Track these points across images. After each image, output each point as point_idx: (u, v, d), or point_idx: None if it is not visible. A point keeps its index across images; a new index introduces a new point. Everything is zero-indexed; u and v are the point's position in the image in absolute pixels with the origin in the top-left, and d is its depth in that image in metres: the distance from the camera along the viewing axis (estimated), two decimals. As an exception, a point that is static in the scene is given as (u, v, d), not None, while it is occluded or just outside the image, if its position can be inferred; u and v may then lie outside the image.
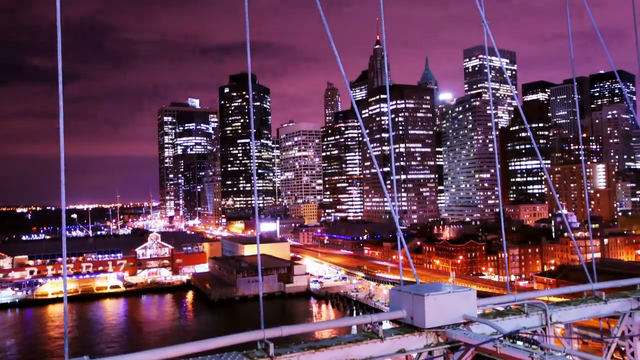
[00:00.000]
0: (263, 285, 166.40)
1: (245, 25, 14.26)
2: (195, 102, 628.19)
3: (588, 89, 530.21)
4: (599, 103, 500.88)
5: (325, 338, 11.25)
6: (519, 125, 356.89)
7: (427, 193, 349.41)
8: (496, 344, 10.75)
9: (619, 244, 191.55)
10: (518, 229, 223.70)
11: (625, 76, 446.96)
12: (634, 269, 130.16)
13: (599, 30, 21.97)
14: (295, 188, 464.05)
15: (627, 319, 15.06)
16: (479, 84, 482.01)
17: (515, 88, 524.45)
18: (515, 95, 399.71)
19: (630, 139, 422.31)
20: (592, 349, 30.41)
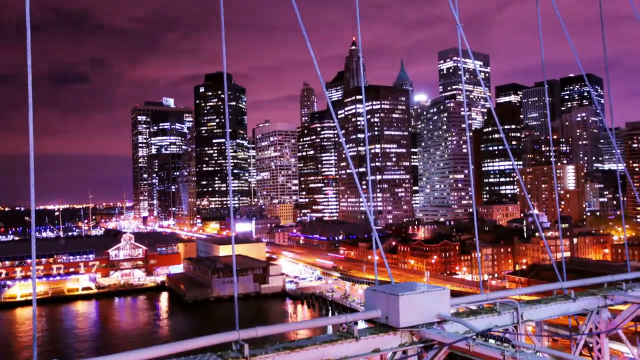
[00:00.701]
0: (238, 285, 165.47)
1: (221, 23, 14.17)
2: (170, 102, 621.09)
3: (559, 91, 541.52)
4: (569, 105, 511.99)
5: (301, 338, 11.27)
6: (492, 127, 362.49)
7: (402, 193, 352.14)
8: (469, 342, 10.91)
9: (588, 243, 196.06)
10: (491, 229, 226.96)
11: (593, 80, 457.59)
12: (602, 268, 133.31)
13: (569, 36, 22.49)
14: (271, 188, 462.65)
15: (595, 316, 15.45)
16: (454, 85, 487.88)
17: (488, 90, 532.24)
18: (488, 97, 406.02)
19: (598, 140, 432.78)
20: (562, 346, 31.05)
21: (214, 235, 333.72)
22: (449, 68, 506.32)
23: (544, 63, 23.46)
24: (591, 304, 15.57)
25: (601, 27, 23.98)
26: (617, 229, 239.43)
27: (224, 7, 14.21)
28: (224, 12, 14.22)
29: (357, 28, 18.56)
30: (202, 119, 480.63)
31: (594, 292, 16.01)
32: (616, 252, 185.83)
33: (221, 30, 14.19)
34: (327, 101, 23.30)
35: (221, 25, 14.21)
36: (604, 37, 24.16)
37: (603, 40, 24.21)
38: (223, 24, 14.18)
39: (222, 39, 14.23)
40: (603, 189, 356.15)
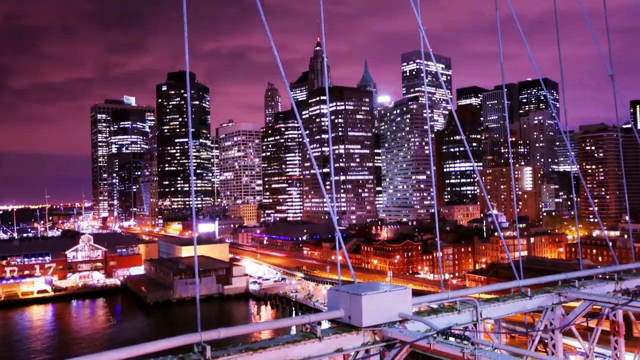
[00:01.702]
0: (201, 287, 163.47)
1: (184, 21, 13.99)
2: (131, 100, 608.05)
3: (517, 95, 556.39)
4: (527, 109, 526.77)
5: (264, 339, 11.24)
6: (453, 129, 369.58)
7: (366, 194, 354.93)
8: (430, 340, 11.11)
9: (544, 243, 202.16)
10: (452, 229, 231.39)
11: (550, 84, 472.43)
12: (557, 266, 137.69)
13: (526, 40, 23.13)
14: (235, 188, 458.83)
15: (550, 313, 15.95)
16: (416, 87, 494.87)
17: (450, 93, 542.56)
18: (450, 99, 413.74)
19: (554, 143, 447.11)
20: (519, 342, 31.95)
21: (177, 236, 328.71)
22: (411, 70, 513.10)
23: (503, 68, 24.07)
24: (546, 302, 16.07)
25: (557, 36, 24.77)
26: (571, 228, 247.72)
27: (186, 6, 14.04)
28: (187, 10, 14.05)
29: (322, 29, 18.64)
30: (164, 118, 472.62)
31: (549, 290, 16.53)
32: (570, 251, 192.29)
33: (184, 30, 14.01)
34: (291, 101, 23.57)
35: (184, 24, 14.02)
36: (559, 46, 24.97)
37: (558, 48, 25.02)
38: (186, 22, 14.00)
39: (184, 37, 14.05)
40: (558, 189, 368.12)
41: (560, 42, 25.01)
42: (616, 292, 18.12)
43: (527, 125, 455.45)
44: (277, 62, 15.97)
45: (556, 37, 24.94)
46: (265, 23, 15.58)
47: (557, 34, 24.76)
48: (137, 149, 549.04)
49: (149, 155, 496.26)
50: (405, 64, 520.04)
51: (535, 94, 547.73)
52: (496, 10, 22.13)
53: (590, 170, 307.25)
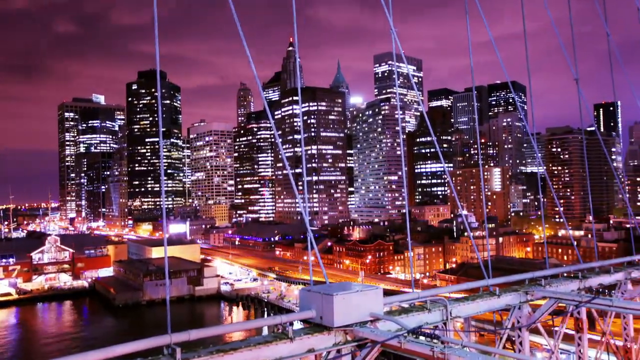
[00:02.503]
0: (172, 288, 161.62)
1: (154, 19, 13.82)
2: (100, 98, 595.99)
3: (486, 97, 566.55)
4: (496, 111, 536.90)
5: (235, 340, 11.18)
6: (424, 130, 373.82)
7: (338, 194, 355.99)
8: (400, 339, 11.23)
9: (512, 242, 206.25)
10: (423, 229, 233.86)
11: (518, 87, 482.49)
12: (524, 265, 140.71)
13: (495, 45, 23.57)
14: (206, 189, 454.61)
15: (517, 311, 16.30)
16: (388, 89, 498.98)
17: (421, 94, 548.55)
18: (421, 101, 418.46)
19: (522, 145, 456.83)
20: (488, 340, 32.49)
21: (147, 237, 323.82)
22: (383, 71, 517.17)
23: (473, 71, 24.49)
24: (514, 300, 16.42)
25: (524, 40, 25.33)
26: (538, 228, 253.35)
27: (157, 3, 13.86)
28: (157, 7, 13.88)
29: (294, 29, 18.63)
30: (134, 117, 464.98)
31: (517, 289, 16.89)
32: (537, 250, 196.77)
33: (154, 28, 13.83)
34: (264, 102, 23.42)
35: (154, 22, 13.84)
36: (527, 49, 25.53)
37: (526, 51, 25.58)
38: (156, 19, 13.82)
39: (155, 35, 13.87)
40: (526, 190, 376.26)
41: (528, 47, 25.58)
42: (580, 290, 18.64)
43: (496, 127, 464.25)
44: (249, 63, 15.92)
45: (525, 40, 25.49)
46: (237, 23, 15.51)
47: (524, 40, 25.32)
48: (107, 149, 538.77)
49: (118, 155, 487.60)
50: (378, 65, 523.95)
51: (504, 97, 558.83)
52: (466, 14, 22.49)
53: (557, 172, 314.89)
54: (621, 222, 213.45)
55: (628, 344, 19.24)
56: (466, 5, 22.44)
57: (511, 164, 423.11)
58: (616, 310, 16.94)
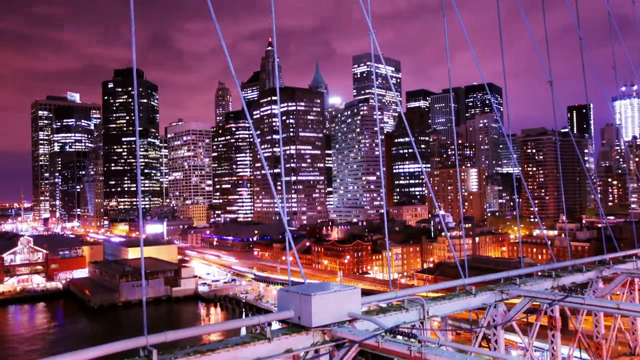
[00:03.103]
0: (148, 289, 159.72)
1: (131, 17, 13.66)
2: (75, 97, 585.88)
3: (463, 98, 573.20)
4: (473, 112, 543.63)
5: (213, 341, 11.12)
6: (402, 131, 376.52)
7: (317, 194, 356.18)
8: (378, 339, 11.30)
9: (488, 242, 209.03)
10: (401, 229, 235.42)
11: (494, 89, 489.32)
12: (500, 265, 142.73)
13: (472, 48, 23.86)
14: (184, 189, 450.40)
15: (492, 310, 16.53)
16: (367, 89, 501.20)
17: (399, 95, 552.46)
18: (399, 102, 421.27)
19: (498, 146, 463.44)
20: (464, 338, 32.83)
21: (123, 238, 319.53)
22: (362, 72, 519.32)
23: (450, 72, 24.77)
24: (489, 299, 16.65)
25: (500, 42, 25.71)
26: (514, 228, 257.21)
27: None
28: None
29: (273, 29, 18.61)
30: (110, 116, 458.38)
31: (492, 288, 17.13)
32: (512, 250, 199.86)
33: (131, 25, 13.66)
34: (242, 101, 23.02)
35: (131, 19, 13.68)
36: (503, 52, 25.91)
37: (502, 54, 25.95)
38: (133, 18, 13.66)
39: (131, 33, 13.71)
40: (502, 190, 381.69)
41: (504, 50, 25.97)
42: (554, 288, 19.00)
43: (472, 129, 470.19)
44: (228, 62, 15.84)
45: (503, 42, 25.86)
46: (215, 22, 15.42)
47: (500, 44, 25.69)
48: (82, 148, 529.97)
49: (94, 154, 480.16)
50: (356, 66, 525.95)
51: (481, 98, 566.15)
52: (444, 17, 22.73)
53: (531, 172, 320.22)
54: (593, 222, 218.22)
55: (599, 340, 19.69)
56: (443, 7, 22.68)
57: (487, 164, 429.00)
58: (588, 308, 17.31)
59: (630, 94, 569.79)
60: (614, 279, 21.36)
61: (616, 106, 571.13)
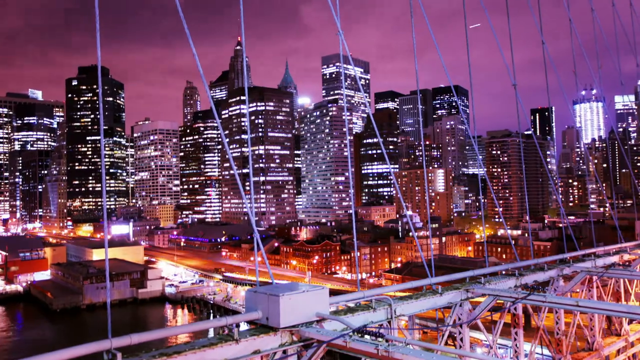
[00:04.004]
0: (113, 291, 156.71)
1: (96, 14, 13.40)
2: (37, 94, 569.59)
3: (431, 100, 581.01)
4: (440, 114, 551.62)
5: (179, 343, 10.99)
6: (371, 132, 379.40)
7: (286, 195, 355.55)
8: (346, 339, 11.37)
9: (454, 242, 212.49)
10: (369, 229, 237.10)
11: (461, 91, 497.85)
12: (466, 264, 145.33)
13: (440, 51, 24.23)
14: (151, 189, 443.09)
15: (458, 309, 16.83)
16: (336, 90, 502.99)
17: (368, 96, 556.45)
18: (367, 103, 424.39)
19: (464, 147, 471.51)
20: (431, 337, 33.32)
21: (87, 239, 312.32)
22: (331, 73, 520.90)
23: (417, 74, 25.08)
24: (455, 298, 16.93)
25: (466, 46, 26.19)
26: (479, 228, 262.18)
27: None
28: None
29: (242, 28, 18.50)
30: (74, 114, 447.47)
31: (458, 287, 17.43)
32: (478, 249, 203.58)
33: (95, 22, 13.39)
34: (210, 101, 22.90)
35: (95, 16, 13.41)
36: (469, 55, 26.40)
37: (468, 57, 26.44)
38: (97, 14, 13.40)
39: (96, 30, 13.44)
40: (468, 191, 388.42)
41: (470, 53, 26.46)
42: (517, 287, 19.45)
43: (440, 130, 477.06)
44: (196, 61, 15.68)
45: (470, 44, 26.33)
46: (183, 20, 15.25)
47: (467, 47, 26.16)
48: (44, 147, 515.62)
49: (57, 153, 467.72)
50: (325, 66, 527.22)
51: (448, 100, 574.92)
52: (411, 18, 23.01)
53: (496, 173, 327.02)
54: (555, 221, 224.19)
55: (559, 337, 20.26)
56: (411, 10, 22.96)
57: (454, 165, 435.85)
58: (549, 306, 17.78)
59: (590, 98, 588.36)
60: (574, 277, 22.02)
61: (577, 109, 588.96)
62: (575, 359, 20.80)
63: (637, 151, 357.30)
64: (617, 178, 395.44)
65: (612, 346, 23.07)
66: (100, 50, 13.45)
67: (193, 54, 15.51)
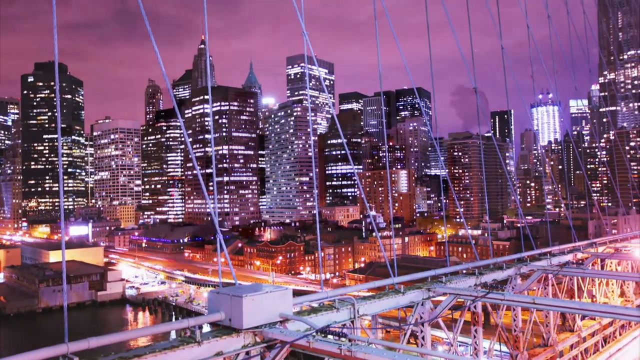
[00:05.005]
0: (71, 294, 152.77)
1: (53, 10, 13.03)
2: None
3: (394, 102, 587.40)
4: (403, 115, 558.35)
5: (139, 346, 10.80)
6: (335, 132, 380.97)
7: (249, 195, 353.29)
8: (309, 339, 11.39)
9: (417, 242, 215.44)
10: (333, 230, 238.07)
11: (423, 93, 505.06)
12: (428, 264, 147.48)
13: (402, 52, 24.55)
14: (111, 189, 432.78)
15: (420, 308, 17.09)
16: (300, 90, 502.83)
17: (332, 97, 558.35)
18: (331, 104, 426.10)
19: (427, 148, 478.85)
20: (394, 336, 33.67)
21: (44, 240, 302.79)
22: (296, 73, 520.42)
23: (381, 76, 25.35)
24: (417, 297, 17.19)
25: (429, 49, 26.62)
26: (441, 228, 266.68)
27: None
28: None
29: (205, 28, 18.33)
30: (30, 112, 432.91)
31: (420, 286, 17.70)
32: (440, 249, 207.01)
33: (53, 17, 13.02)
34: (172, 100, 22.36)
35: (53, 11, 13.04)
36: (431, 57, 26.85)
37: (430, 59, 26.89)
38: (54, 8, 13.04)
39: (53, 25, 13.07)
40: (430, 192, 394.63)
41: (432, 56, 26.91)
42: (477, 285, 19.90)
43: (403, 131, 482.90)
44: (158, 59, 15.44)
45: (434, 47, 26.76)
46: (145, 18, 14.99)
47: (429, 50, 26.60)
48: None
49: (11, 152, 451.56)
50: (290, 67, 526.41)
51: (411, 102, 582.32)
52: (375, 21, 23.25)
53: (458, 174, 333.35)
54: (513, 221, 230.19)
55: (517, 333, 20.83)
56: (375, 12, 23.20)
57: (417, 166, 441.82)
58: (507, 304, 18.28)
59: (547, 102, 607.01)
60: (531, 275, 22.69)
61: (534, 113, 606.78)
62: (531, 355, 21.42)
63: (590, 154, 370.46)
64: (572, 179, 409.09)
65: (566, 342, 23.86)
66: (57, 45, 13.09)
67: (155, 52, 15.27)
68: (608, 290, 28.30)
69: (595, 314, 22.93)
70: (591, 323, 25.77)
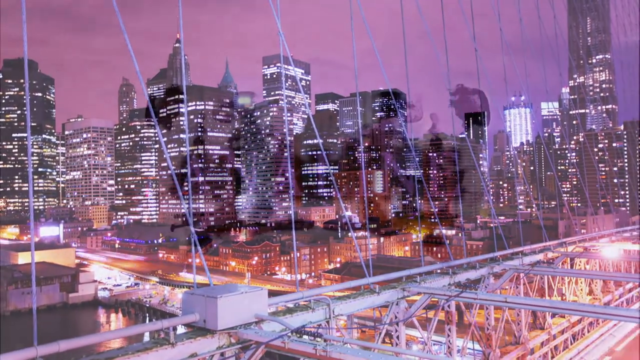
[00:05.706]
0: (42, 296, 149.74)
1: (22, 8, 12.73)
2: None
3: (370, 102, 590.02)
4: (379, 116, 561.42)
5: (112, 349, 10.64)
6: (311, 133, 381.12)
7: (225, 195, 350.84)
8: (284, 339, 11.38)
9: (392, 242, 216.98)
10: (309, 230, 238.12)
11: (399, 94, 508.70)
12: (403, 264, 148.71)
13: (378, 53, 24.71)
14: (83, 189, 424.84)
15: (395, 307, 17.23)
16: (277, 90, 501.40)
17: (308, 97, 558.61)
18: (307, 104, 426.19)
19: (402, 149, 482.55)
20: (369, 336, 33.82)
21: (13, 241, 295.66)
22: (272, 74, 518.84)
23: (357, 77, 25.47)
24: (392, 297, 17.32)
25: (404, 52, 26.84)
26: (416, 228, 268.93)
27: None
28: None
29: (180, 26, 18.16)
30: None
31: (395, 286, 17.84)
32: (415, 249, 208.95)
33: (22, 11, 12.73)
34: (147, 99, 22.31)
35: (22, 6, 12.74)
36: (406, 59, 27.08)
37: (405, 61, 27.12)
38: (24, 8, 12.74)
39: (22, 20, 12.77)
40: (405, 192, 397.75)
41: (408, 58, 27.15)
42: (450, 285, 20.15)
43: (379, 132, 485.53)
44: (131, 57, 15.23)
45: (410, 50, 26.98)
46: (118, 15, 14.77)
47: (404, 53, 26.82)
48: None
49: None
50: (266, 66, 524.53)
51: (387, 103, 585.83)
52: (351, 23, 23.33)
53: (432, 175, 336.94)
54: (487, 221, 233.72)
55: (489, 332, 21.16)
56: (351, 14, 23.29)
57: (392, 167, 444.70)
58: (480, 303, 18.54)
59: (519, 104, 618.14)
60: (503, 274, 23.06)
61: (507, 114, 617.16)
62: (503, 353, 21.78)
63: (560, 155, 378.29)
64: (543, 180, 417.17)
65: (536, 339, 24.34)
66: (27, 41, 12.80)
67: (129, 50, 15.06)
68: (577, 289, 28.95)
69: (565, 312, 23.49)
70: (561, 321, 26.33)
